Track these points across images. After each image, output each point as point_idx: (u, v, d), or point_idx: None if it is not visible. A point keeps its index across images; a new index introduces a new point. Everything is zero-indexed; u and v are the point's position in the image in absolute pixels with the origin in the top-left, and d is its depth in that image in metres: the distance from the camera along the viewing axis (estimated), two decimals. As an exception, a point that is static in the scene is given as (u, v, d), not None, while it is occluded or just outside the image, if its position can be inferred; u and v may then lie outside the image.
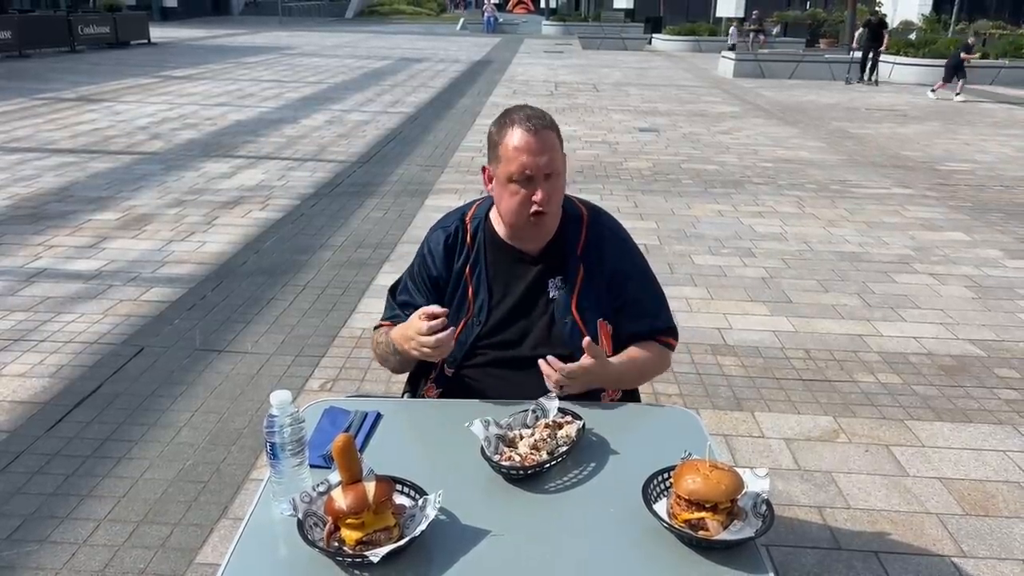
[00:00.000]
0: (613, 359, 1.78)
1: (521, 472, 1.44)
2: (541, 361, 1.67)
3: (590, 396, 1.78)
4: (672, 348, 1.94)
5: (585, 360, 1.66)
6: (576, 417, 1.58)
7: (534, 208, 1.72)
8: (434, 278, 1.88)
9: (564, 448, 1.49)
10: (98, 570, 2.28)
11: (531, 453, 1.47)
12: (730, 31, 24.95)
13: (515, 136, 1.70)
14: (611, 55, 24.70)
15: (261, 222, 5.86)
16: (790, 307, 4.44)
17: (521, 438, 1.52)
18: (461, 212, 1.94)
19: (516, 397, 1.74)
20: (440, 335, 1.63)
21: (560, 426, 1.55)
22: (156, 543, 2.40)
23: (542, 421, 1.57)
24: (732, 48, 23.41)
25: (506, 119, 1.74)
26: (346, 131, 9.95)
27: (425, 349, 1.66)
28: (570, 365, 1.65)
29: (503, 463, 1.44)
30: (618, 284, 1.86)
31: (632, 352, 1.84)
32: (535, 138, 1.69)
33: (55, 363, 3.55)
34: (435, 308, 1.66)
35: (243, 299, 4.36)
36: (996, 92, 16.27)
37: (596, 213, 1.93)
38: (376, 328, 1.96)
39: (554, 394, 1.63)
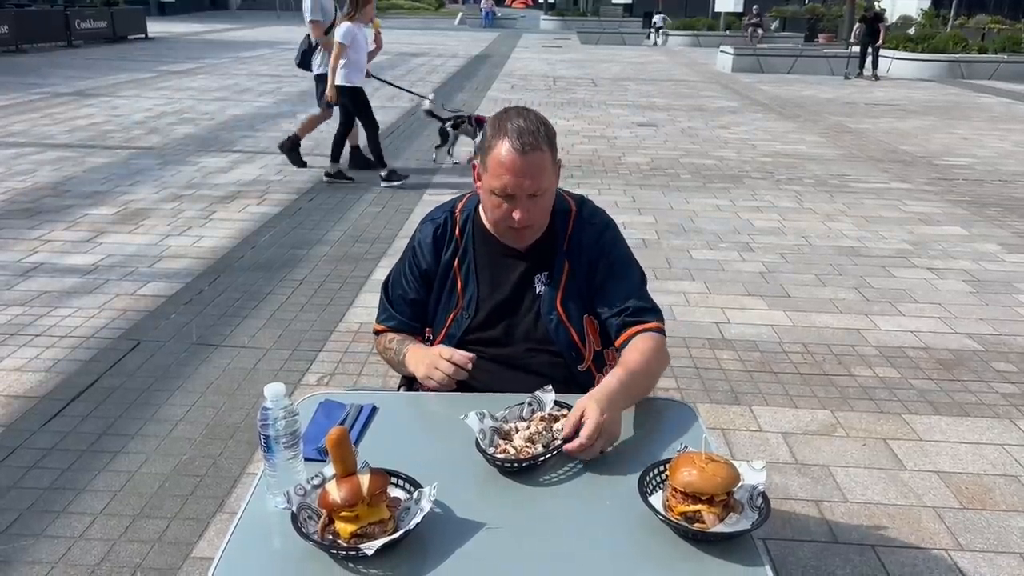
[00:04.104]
0: (605, 380, 1.61)
1: (516, 465, 1.43)
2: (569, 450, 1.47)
3: (586, 389, 1.78)
4: (661, 332, 1.79)
5: (586, 424, 1.47)
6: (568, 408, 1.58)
7: (513, 224, 1.73)
8: (424, 270, 1.88)
9: (559, 441, 1.49)
10: (94, 564, 2.28)
11: (526, 446, 1.47)
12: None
13: (502, 151, 1.66)
14: (609, 50, 24.64)
15: (258, 217, 5.85)
16: (788, 301, 4.44)
17: (516, 431, 1.51)
18: (451, 204, 1.94)
19: (507, 391, 1.74)
20: (458, 368, 1.69)
21: (556, 419, 1.54)
22: (152, 537, 2.39)
23: (538, 414, 1.56)
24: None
25: (500, 126, 1.69)
26: (344, 126, 9.91)
27: (439, 368, 1.70)
28: (583, 434, 1.45)
29: (498, 456, 1.44)
30: (594, 270, 1.83)
31: (628, 359, 1.69)
32: (522, 160, 1.65)
33: (51, 357, 3.54)
34: (466, 356, 1.71)
35: (240, 294, 4.35)
36: (995, 87, 16.25)
37: (583, 207, 1.90)
38: (378, 333, 1.97)
39: (550, 387, 1.62)
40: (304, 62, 7.18)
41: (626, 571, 1.23)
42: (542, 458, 1.44)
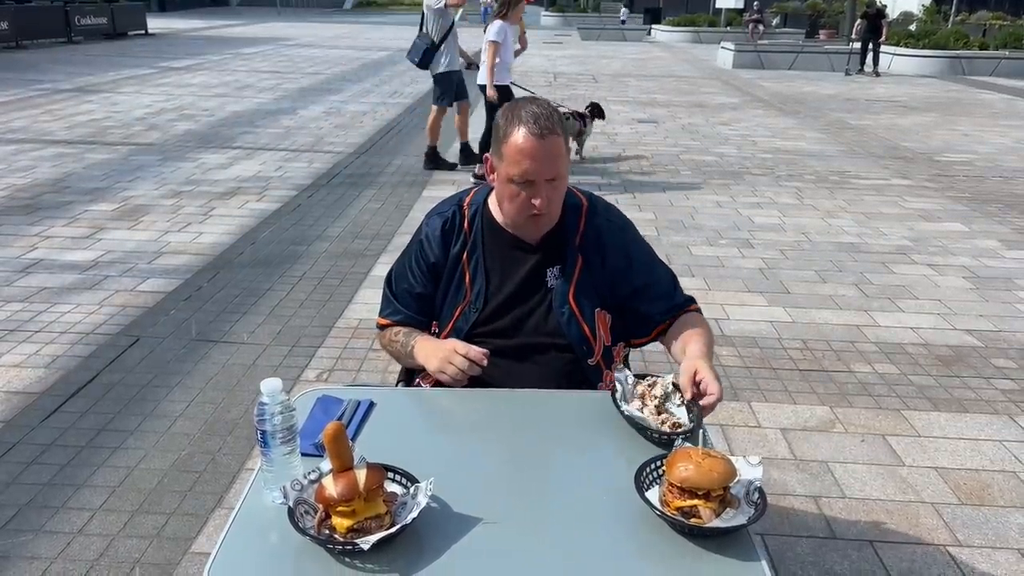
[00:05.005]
0: (691, 347, 1.72)
1: (683, 436, 1.48)
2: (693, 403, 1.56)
3: (594, 384, 1.79)
4: (701, 312, 1.93)
5: (705, 380, 1.56)
6: (655, 376, 1.64)
7: (533, 211, 1.72)
8: (431, 264, 1.87)
9: (679, 396, 1.59)
10: (93, 560, 2.28)
11: (668, 416, 1.55)
12: None
13: (519, 138, 1.66)
14: (610, 46, 24.61)
15: (258, 213, 5.85)
16: (788, 298, 4.44)
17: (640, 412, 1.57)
18: (459, 197, 1.93)
19: (514, 385, 1.74)
20: (473, 363, 1.69)
21: (652, 387, 1.61)
22: (151, 532, 2.40)
23: (638, 389, 1.61)
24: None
25: (514, 115, 1.70)
26: (344, 122, 9.92)
27: (453, 363, 1.70)
28: (709, 393, 1.55)
29: (675, 431, 1.50)
30: (623, 275, 1.85)
31: (689, 329, 1.80)
32: (540, 144, 1.65)
33: (51, 353, 3.55)
34: (481, 351, 1.70)
35: (239, 290, 4.35)
36: (996, 83, 16.23)
37: (595, 203, 1.91)
38: (382, 327, 1.96)
39: (621, 365, 1.70)
40: (424, 61, 6.94)
41: (623, 566, 1.23)
42: (693, 424, 1.52)
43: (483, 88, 6.70)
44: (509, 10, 6.56)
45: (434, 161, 7.34)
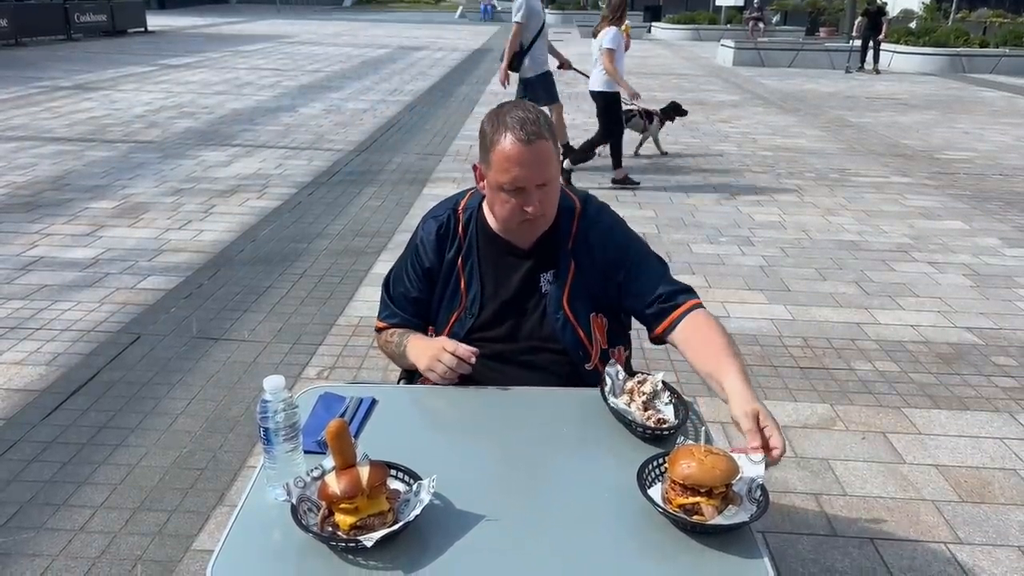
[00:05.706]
0: (731, 381, 1.53)
1: (669, 431, 1.52)
2: (747, 457, 1.39)
3: (589, 382, 1.79)
4: (703, 306, 1.77)
5: (770, 428, 1.43)
6: (646, 374, 1.65)
7: (526, 217, 1.70)
8: (426, 268, 1.86)
9: (668, 394, 1.60)
10: (95, 557, 2.28)
11: (654, 413, 1.55)
12: None
13: (507, 144, 1.62)
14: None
15: (258, 211, 5.85)
16: (788, 295, 4.44)
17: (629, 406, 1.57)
18: (454, 201, 1.91)
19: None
20: (461, 361, 1.68)
21: (643, 383, 1.61)
22: (153, 530, 2.40)
23: (628, 385, 1.61)
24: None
25: (499, 120, 1.66)
26: (344, 120, 9.91)
27: (441, 361, 1.69)
28: (774, 447, 1.41)
29: (662, 426, 1.52)
30: (612, 270, 1.81)
31: (707, 339, 1.66)
32: (528, 149, 1.61)
33: (51, 351, 3.55)
34: (469, 350, 1.70)
35: (240, 287, 4.35)
36: (996, 80, 16.22)
37: (588, 205, 1.87)
38: (380, 330, 1.96)
39: (613, 360, 1.68)
40: (515, 65, 6.92)
41: (625, 563, 1.23)
42: (678, 421, 1.55)
43: (595, 96, 6.70)
44: (623, 15, 6.56)
45: (567, 154, 7.08)
